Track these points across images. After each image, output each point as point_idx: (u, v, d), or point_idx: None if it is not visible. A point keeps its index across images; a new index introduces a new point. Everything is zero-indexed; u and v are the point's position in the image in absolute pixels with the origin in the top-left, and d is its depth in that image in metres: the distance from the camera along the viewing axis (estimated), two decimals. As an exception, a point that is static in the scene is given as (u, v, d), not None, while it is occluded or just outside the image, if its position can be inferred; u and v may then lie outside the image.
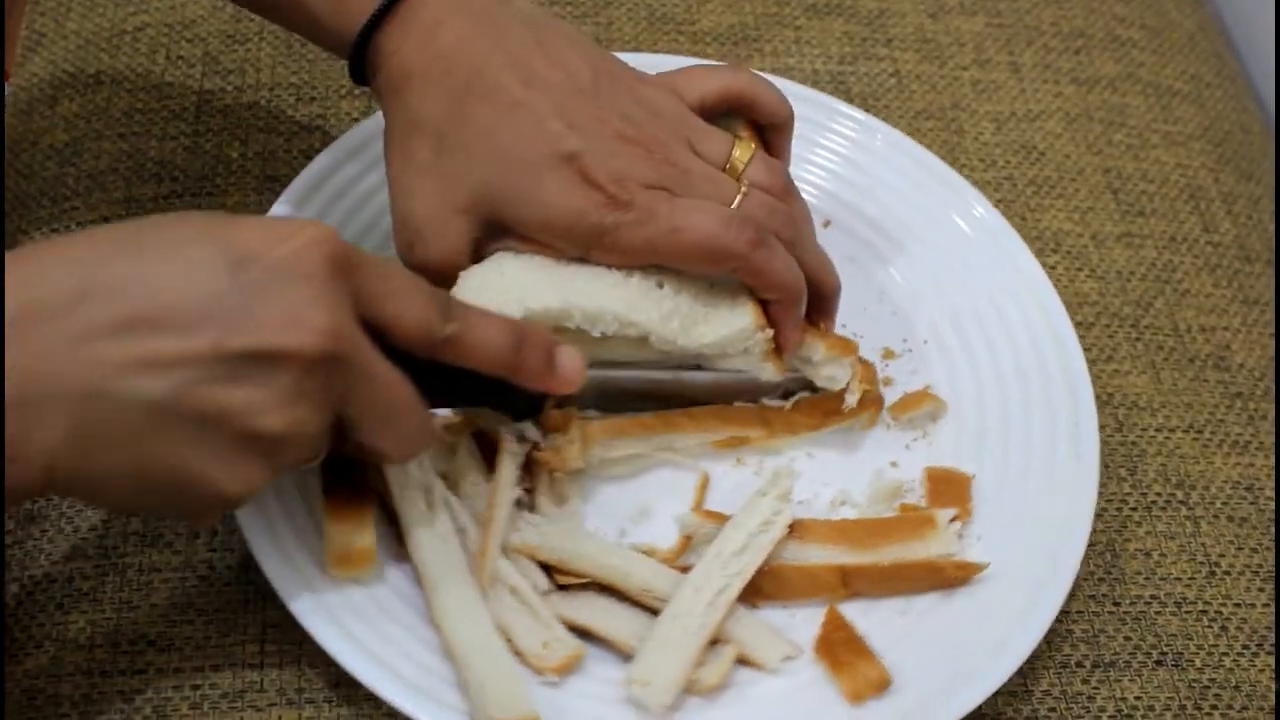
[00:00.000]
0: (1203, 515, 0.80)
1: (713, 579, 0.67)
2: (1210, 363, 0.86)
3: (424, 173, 0.68)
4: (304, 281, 0.56)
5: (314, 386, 0.56)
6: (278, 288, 0.55)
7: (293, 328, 0.55)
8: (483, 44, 0.68)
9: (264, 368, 0.55)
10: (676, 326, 0.69)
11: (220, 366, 0.54)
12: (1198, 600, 0.76)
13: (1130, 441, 0.82)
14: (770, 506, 0.70)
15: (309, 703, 0.67)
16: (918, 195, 0.85)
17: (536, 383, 0.65)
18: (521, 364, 0.63)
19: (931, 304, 0.82)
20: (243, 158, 0.86)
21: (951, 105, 0.96)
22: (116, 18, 0.93)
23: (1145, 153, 0.96)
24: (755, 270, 0.69)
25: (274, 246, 0.56)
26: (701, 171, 0.70)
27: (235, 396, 0.54)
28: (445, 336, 0.61)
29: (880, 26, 0.99)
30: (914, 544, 0.71)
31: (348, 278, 0.57)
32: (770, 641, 0.68)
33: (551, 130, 0.67)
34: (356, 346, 0.57)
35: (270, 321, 0.55)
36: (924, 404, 0.77)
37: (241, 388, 0.54)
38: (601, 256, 0.69)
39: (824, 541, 0.71)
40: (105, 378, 0.52)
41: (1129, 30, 1.04)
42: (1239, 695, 0.73)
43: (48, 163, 0.86)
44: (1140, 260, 0.90)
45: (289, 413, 0.55)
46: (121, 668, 0.67)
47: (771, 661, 0.67)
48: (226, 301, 0.54)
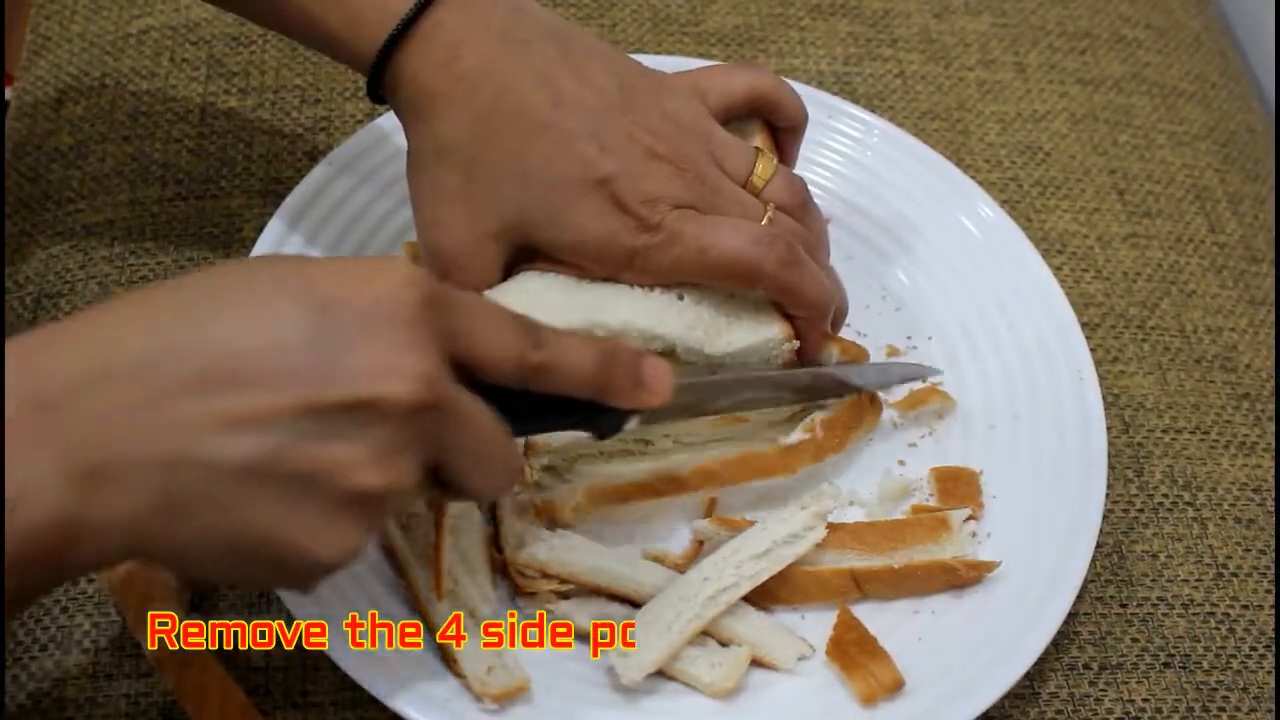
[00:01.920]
0: (1210, 517, 0.79)
1: (724, 573, 0.67)
2: (1217, 364, 0.86)
3: (453, 201, 0.68)
4: (394, 326, 0.52)
5: (412, 436, 0.53)
6: (368, 334, 0.52)
7: (387, 376, 0.51)
8: (507, 64, 0.67)
9: (360, 420, 0.51)
10: (701, 335, 0.69)
11: (313, 422, 0.50)
12: (1205, 602, 0.76)
13: (1137, 443, 0.81)
14: (804, 521, 0.69)
15: (314, 706, 0.67)
16: (923, 194, 0.85)
17: (627, 401, 0.61)
18: (611, 384, 0.61)
19: (937, 303, 0.82)
20: (247, 160, 0.86)
21: (957, 106, 0.96)
22: (121, 21, 0.93)
23: (1151, 153, 0.96)
24: (785, 288, 0.69)
25: (360, 289, 0.52)
26: (730, 191, 0.70)
27: (331, 453, 0.51)
28: (536, 365, 0.58)
29: (885, 27, 0.99)
30: (930, 547, 0.71)
31: (437, 318, 0.54)
32: (784, 641, 0.67)
33: (583, 154, 0.67)
34: (451, 390, 0.54)
35: (363, 371, 0.51)
36: (931, 400, 0.77)
37: (337, 443, 0.51)
38: (632, 277, 0.69)
39: (840, 547, 0.70)
40: (190, 441, 0.49)
41: (1134, 30, 1.03)
42: (1246, 697, 0.73)
43: (53, 166, 0.86)
44: (1146, 261, 0.90)
45: (389, 466, 0.52)
46: (126, 671, 0.67)
47: (786, 662, 0.67)
48: (315, 352, 0.51)
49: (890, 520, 0.73)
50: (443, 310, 0.54)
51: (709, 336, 0.70)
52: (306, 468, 0.50)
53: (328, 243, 0.77)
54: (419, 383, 0.52)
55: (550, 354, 0.58)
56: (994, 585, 0.70)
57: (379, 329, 0.52)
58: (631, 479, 0.70)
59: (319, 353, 0.51)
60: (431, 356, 0.53)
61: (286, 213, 0.77)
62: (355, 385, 0.51)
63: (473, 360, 0.56)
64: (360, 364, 0.51)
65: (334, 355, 0.51)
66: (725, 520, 0.70)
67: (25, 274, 0.82)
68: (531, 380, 0.58)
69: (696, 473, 0.70)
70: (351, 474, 0.51)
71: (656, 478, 0.70)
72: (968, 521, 0.72)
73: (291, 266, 0.54)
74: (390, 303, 0.52)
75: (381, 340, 0.52)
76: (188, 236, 0.82)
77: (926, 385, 0.79)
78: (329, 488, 0.51)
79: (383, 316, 0.52)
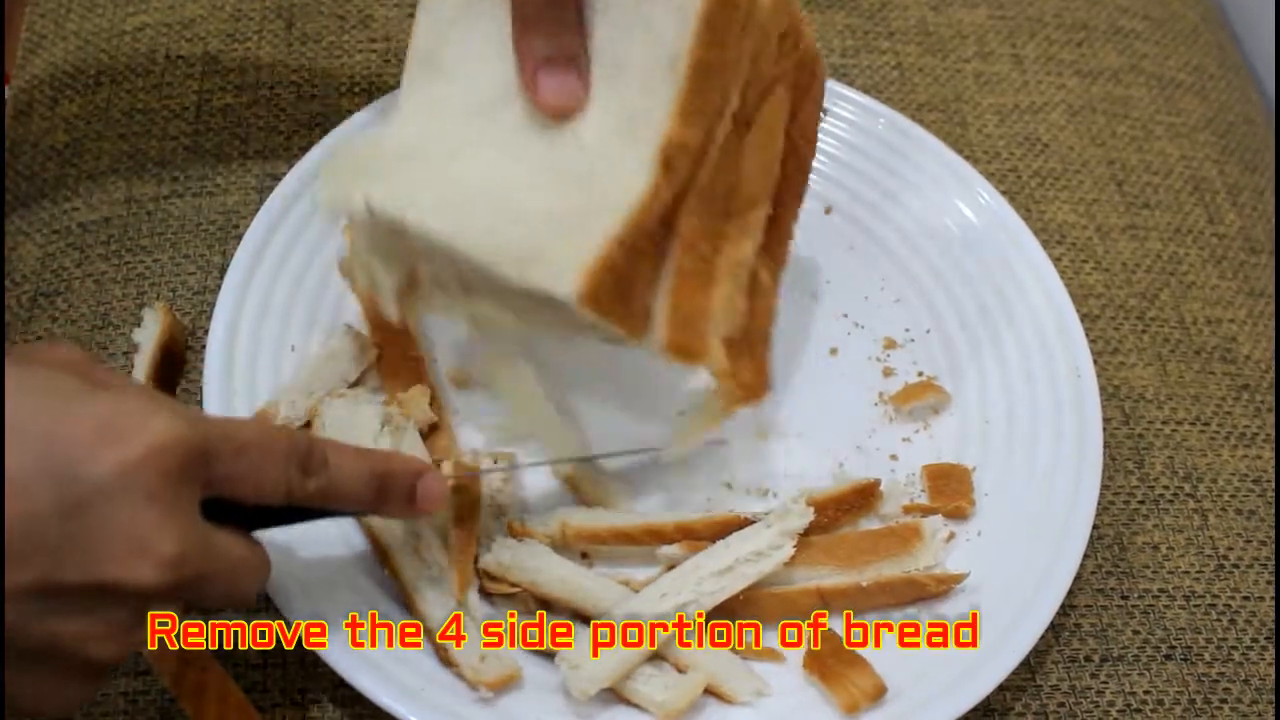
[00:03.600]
0: (1210, 508, 0.79)
1: (683, 590, 0.66)
2: (1216, 355, 0.86)
3: None
4: (146, 501, 0.50)
5: (152, 608, 0.52)
6: (114, 509, 0.49)
7: (132, 559, 0.49)
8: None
9: (100, 601, 0.50)
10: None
11: (51, 599, 0.49)
12: (1206, 594, 0.76)
13: (1137, 434, 0.81)
14: (769, 539, 0.68)
15: (313, 703, 0.67)
16: (921, 180, 0.85)
17: (399, 516, 0.64)
18: (385, 504, 0.61)
19: (936, 294, 0.82)
20: (243, 157, 0.86)
21: (954, 98, 0.95)
22: (116, 18, 0.93)
23: (1149, 144, 0.96)
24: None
25: (106, 452, 0.49)
26: None
27: (67, 628, 0.50)
28: (308, 495, 0.57)
29: (882, 19, 0.99)
30: (902, 558, 0.70)
31: (197, 476, 0.52)
32: (741, 674, 0.66)
33: None
34: (205, 558, 0.52)
35: (106, 553, 0.49)
36: (926, 395, 0.77)
37: (73, 620, 0.50)
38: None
39: (810, 564, 0.69)
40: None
41: (1132, 22, 1.03)
42: (1248, 689, 0.73)
43: (48, 164, 0.86)
44: (1145, 252, 0.90)
45: (124, 639, 0.51)
46: (125, 669, 0.67)
47: (742, 694, 0.66)
48: (55, 526, 0.48)
49: (861, 532, 0.72)
50: (204, 464, 0.53)
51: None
52: (40, 643, 0.50)
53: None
54: (165, 569, 0.50)
55: (321, 482, 0.58)
56: (986, 579, 0.70)
57: (129, 503, 0.49)
58: (611, 525, 0.70)
59: (61, 528, 0.48)
60: (186, 532, 0.51)
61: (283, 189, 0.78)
62: (97, 569, 0.49)
63: (240, 500, 0.55)
64: (103, 545, 0.49)
65: (75, 533, 0.49)
66: (696, 545, 0.69)
67: (22, 272, 0.82)
68: (304, 504, 0.58)
69: (677, 528, 0.70)
70: (85, 648, 0.50)
71: (637, 528, 0.70)
72: (950, 522, 0.72)
73: (44, 405, 0.50)
74: (142, 472, 0.50)
75: (129, 516, 0.49)
76: (184, 234, 0.82)
77: (923, 379, 0.78)
78: (61, 659, 0.50)
79: (134, 489, 0.49)
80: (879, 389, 0.78)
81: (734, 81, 0.64)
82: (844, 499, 0.71)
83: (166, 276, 0.80)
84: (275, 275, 0.76)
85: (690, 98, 0.61)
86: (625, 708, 0.65)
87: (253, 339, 0.73)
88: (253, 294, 0.75)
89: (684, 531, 0.69)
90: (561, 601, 0.67)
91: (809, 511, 0.69)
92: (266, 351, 0.73)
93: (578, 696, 0.64)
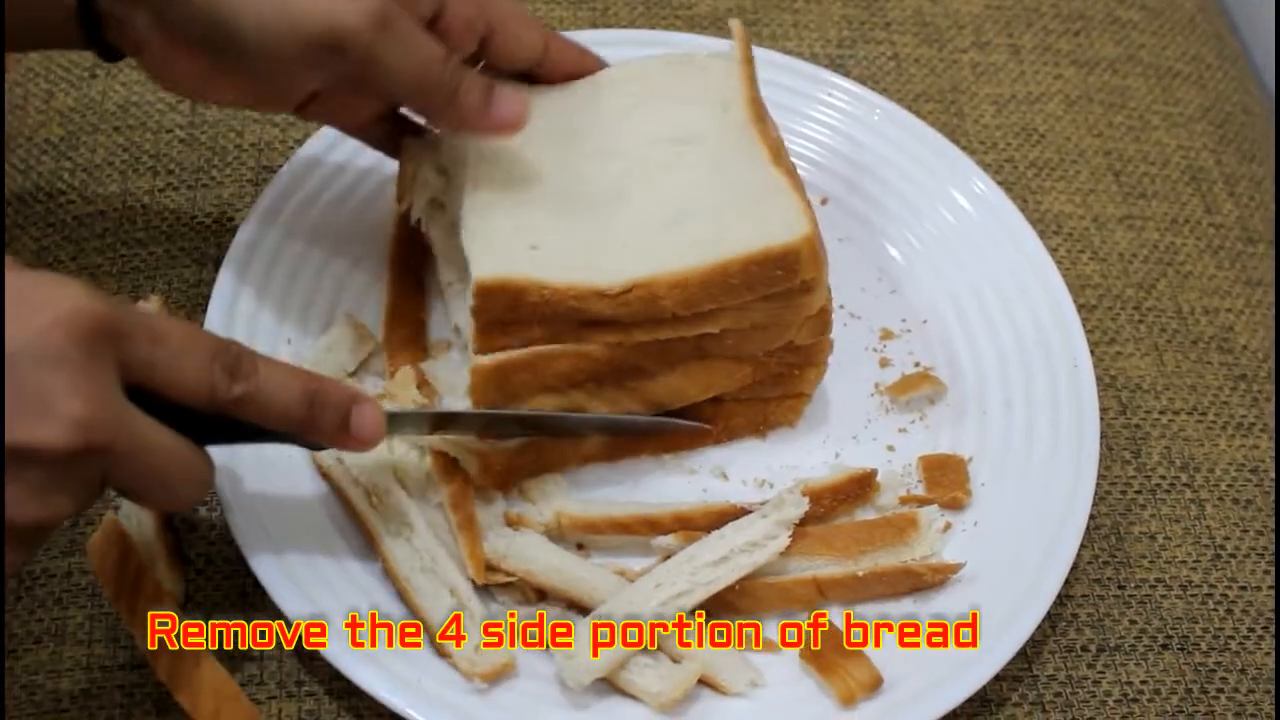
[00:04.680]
0: (1207, 498, 0.79)
1: (678, 580, 0.66)
2: (1213, 345, 0.86)
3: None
4: (55, 366, 0.50)
5: (69, 475, 0.52)
6: (23, 374, 0.50)
7: (41, 421, 0.50)
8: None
9: (12, 463, 0.51)
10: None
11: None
12: (1203, 583, 0.76)
13: (1134, 424, 0.81)
14: (764, 530, 0.68)
15: (309, 695, 0.67)
16: (917, 171, 0.84)
17: (329, 442, 0.62)
18: (315, 426, 0.60)
19: (933, 285, 0.81)
20: (238, 149, 0.85)
21: (951, 88, 0.95)
22: (110, 10, 0.92)
23: (1146, 134, 0.96)
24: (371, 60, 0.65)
25: (24, 321, 0.50)
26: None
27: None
28: (232, 400, 0.57)
29: (879, 9, 0.99)
30: (898, 548, 0.70)
31: (111, 349, 0.53)
32: (736, 665, 0.66)
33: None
34: (119, 428, 0.53)
35: (14, 414, 0.50)
36: (923, 386, 0.77)
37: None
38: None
39: (807, 554, 0.69)
40: None
41: (1129, 11, 1.03)
42: (1245, 678, 0.73)
43: (43, 157, 0.86)
44: (1143, 242, 0.90)
45: (43, 503, 0.52)
46: (121, 662, 0.67)
47: (736, 685, 0.66)
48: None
49: (857, 522, 0.72)
50: (120, 340, 0.53)
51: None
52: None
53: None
54: (73, 430, 0.51)
55: (248, 387, 0.57)
56: (982, 570, 0.70)
57: (40, 368, 0.50)
58: (607, 516, 0.70)
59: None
60: (97, 397, 0.52)
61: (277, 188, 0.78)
62: (8, 430, 0.50)
63: (158, 390, 0.55)
64: (14, 408, 0.50)
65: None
66: (692, 535, 0.69)
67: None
68: (228, 411, 0.57)
69: (673, 518, 0.70)
70: (6, 509, 0.51)
71: (633, 518, 0.70)
72: (947, 509, 0.72)
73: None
74: (53, 338, 0.51)
75: (40, 380, 0.50)
76: (180, 226, 0.82)
77: (919, 370, 0.78)
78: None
79: (45, 354, 0.51)
80: (875, 379, 0.78)
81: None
82: (840, 489, 0.71)
83: (162, 269, 0.80)
84: (270, 268, 0.76)
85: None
86: (620, 698, 0.65)
87: (248, 332, 0.73)
88: (248, 287, 0.75)
89: (680, 521, 0.69)
90: (557, 591, 0.67)
91: (805, 502, 0.69)
92: (262, 344, 0.73)
93: (573, 687, 0.64)
